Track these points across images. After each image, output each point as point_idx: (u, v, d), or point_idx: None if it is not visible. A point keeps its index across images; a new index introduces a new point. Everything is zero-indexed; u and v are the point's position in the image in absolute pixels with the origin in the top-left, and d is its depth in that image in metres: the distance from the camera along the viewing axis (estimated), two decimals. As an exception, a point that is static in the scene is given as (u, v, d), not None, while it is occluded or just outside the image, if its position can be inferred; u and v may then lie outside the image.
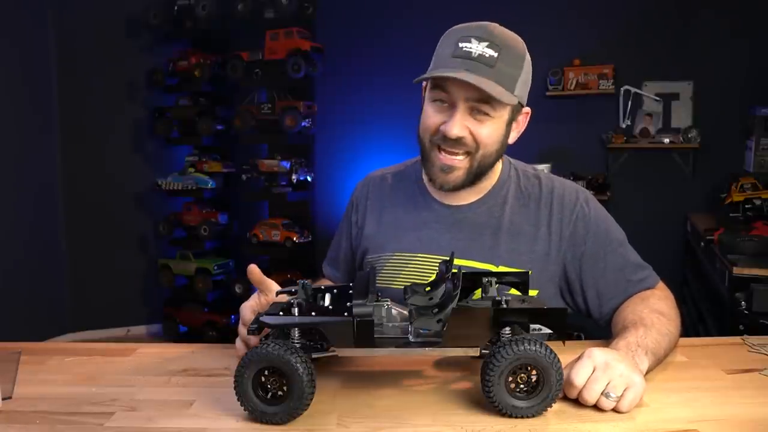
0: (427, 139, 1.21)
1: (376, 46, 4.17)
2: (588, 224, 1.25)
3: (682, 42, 3.80)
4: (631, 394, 0.89)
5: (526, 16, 3.94)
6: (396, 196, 1.36)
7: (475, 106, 1.15)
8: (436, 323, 0.90)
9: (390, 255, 1.30)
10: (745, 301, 2.33)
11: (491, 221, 1.26)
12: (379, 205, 1.37)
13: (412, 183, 1.36)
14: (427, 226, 1.29)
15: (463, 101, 1.14)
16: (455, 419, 0.88)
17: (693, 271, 3.49)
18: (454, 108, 1.15)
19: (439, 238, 1.27)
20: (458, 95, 1.14)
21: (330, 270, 1.48)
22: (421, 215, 1.31)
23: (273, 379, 0.86)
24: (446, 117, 1.16)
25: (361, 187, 1.43)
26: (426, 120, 1.20)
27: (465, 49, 1.12)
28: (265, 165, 3.89)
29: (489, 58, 1.12)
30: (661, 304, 1.17)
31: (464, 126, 1.15)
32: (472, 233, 1.26)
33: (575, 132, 3.98)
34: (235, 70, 3.94)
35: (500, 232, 1.25)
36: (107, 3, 4.21)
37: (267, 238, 3.92)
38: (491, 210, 1.28)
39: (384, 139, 4.21)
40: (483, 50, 1.12)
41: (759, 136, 3.40)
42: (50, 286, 4.17)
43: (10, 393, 0.97)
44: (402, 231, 1.31)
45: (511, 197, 1.29)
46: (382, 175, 1.42)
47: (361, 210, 1.39)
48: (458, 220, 1.28)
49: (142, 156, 4.39)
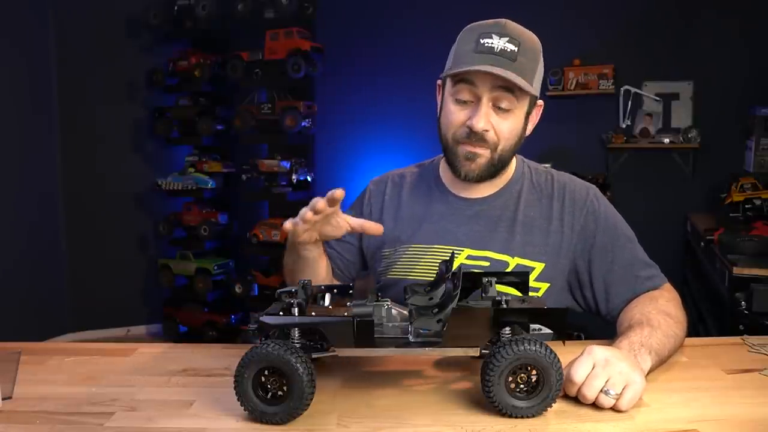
0: (450, 135, 1.24)
1: (376, 46, 4.17)
2: (598, 219, 1.27)
3: (683, 42, 3.80)
4: (630, 392, 0.89)
5: (527, 16, 3.90)
6: (413, 192, 1.38)
7: (498, 100, 1.18)
8: (436, 323, 0.90)
9: (407, 247, 1.31)
10: (745, 301, 2.33)
11: (507, 214, 1.29)
12: (396, 202, 1.38)
13: (430, 179, 1.39)
14: (444, 219, 1.31)
15: (489, 94, 1.17)
16: (455, 419, 0.88)
17: (693, 271, 3.49)
18: (478, 103, 1.18)
19: (456, 230, 1.29)
20: (484, 88, 1.17)
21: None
22: (437, 208, 1.33)
23: (273, 379, 0.86)
24: (470, 113, 1.20)
25: (378, 183, 1.43)
26: (450, 116, 1.23)
27: (488, 45, 1.16)
28: (265, 165, 3.89)
29: (510, 52, 1.15)
30: (669, 305, 1.18)
31: (489, 120, 1.19)
32: (488, 225, 1.29)
33: (575, 132, 3.98)
34: (235, 70, 3.93)
35: (515, 225, 1.27)
36: (107, 3, 4.21)
37: (267, 238, 3.91)
38: (506, 204, 1.30)
39: (384, 139, 4.21)
40: (504, 45, 1.15)
41: (759, 136, 3.39)
42: (50, 286, 4.17)
43: (10, 393, 0.97)
44: (418, 223, 1.33)
45: (525, 192, 1.32)
46: (401, 174, 1.44)
47: (377, 205, 1.39)
48: (475, 212, 1.31)
49: (142, 156, 4.39)
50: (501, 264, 1.24)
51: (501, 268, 1.23)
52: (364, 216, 1.38)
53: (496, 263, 1.24)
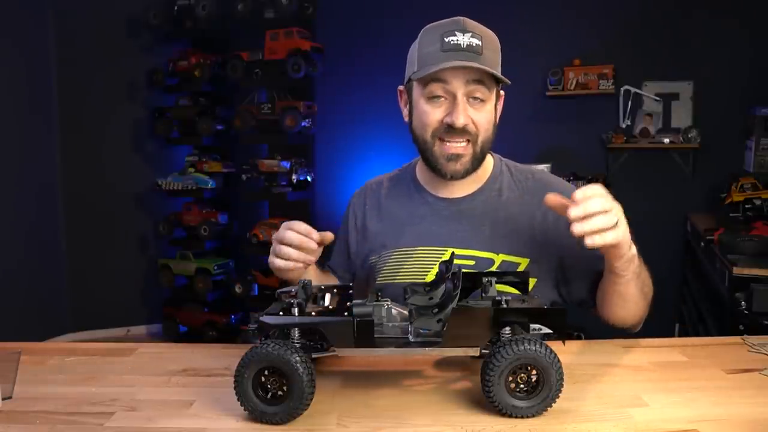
0: (428, 134, 1.24)
1: (376, 46, 4.16)
2: None
3: (682, 42, 3.80)
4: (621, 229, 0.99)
5: (527, 16, 3.95)
6: (393, 197, 1.39)
7: (473, 93, 1.20)
8: (436, 323, 0.90)
9: (391, 251, 1.32)
10: (745, 301, 2.33)
11: (488, 212, 1.30)
12: (377, 209, 1.40)
13: (408, 182, 1.39)
14: (426, 220, 1.32)
15: (464, 89, 1.19)
16: (455, 419, 0.88)
17: (693, 271, 3.48)
18: (453, 100, 1.20)
19: (438, 230, 1.30)
20: (458, 84, 1.18)
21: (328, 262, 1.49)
22: (418, 210, 1.34)
23: (273, 379, 0.86)
24: (446, 110, 1.21)
25: (358, 195, 1.46)
26: (425, 117, 1.23)
27: (454, 42, 1.18)
28: (265, 165, 3.89)
29: (476, 47, 1.18)
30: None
31: (467, 115, 1.20)
32: (470, 224, 1.29)
33: (575, 132, 3.98)
34: (235, 70, 3.93)
35: (498, 222, 1.28)
36: (107, 3, 4.21)
37: (267, 238, 3.91)
38: (487, 201, 1.31)
39: (384, 138, 4.21)
40: (470, 40, 1.18)
41: (759, 136, 3.39)
42: (50, 286, 4.17)
43: (10, 393, 0.97)
44: (401, 228, 1.33)
45: (506, 189, 1.33)
46: (379, 181, 1.46)
47: (360, 215, 1.42)
48: (456, 212, 1.31)
49: (142, 156, 4.40)
50: (486, 262, 1.24)
51: (486, 266, 1.23)
52: (350, 229, 1.42)
53: (481, 261, 1.24)
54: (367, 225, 1.39)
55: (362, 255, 1.39)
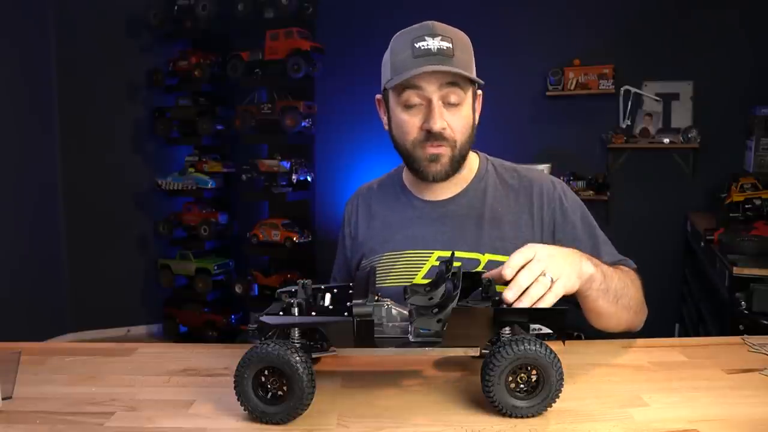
0: (409, 142, 1.25)
1: (376, 46, 4.14)
2: (565, 212, 1.30)
3: (683, 42, 3.80)
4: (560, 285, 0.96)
5: (527, 16, 3.94)
6: (382, 201, 1.41)
7: (447, 97, 1.19)
8: (436, 323, 0.90)
9: (381, 256, 1.33)
10: (745, 301, 2.33)
11: (473, 212, 1.31)
12: (367, 214, 1.42)
13: (395, 186, 1.41)
14: (413, 224, 1.33)
15: (438, 93, 1.19)
16: (455, 419, 0.88)
17: (693, 271, 3.48)
18: (428, 105, 1.20)
19: (424, 233, 1.31)
20: (432, 88, 1.19)
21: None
22: (405, 214, 1.35)
23: (273, 379, 0.86)
24: (423, 117, 1.21)
25: (351, 202, 1.48)
26: (403, 126, 1.24)
27: (424, 47, 1.18)
28: (265, 165, 3.89)
29: (447, 49, 1.18)
30: (633, 275, 1.21)
31: (444, 119, 1.20)
32: (455, 225, 1.30)
33: (575, 132, 3.98)
34: (235, 70, 3.94)
35: (483, 222, 1.29)
36: (107, 3, 4.21)
37: (267, 238, 3.92)
38: (472, 201, 1.32)
39: (384, 139, 4.17)
40: (440, 44, 1.18)
41: (759, 136, 3.39)
42: (50, 286, 4.17)
43: (10, 393, 0.97)
44: (390, 232, 1.35)
45: (491, 188, 1.33)
46: (369, 186, 1.47)
47: (353, 222, 1.44)
48: (442, 214, 1.32)
49: (142, 156, 4.40)
50: (472, 262, 1.24)
51: (472, 266, 1.23)
52: (346, 239, 1.44)
53: (466, 262, 1.23)
54: (359, 231, 1.41)
55: (356, 260, 1.40)
